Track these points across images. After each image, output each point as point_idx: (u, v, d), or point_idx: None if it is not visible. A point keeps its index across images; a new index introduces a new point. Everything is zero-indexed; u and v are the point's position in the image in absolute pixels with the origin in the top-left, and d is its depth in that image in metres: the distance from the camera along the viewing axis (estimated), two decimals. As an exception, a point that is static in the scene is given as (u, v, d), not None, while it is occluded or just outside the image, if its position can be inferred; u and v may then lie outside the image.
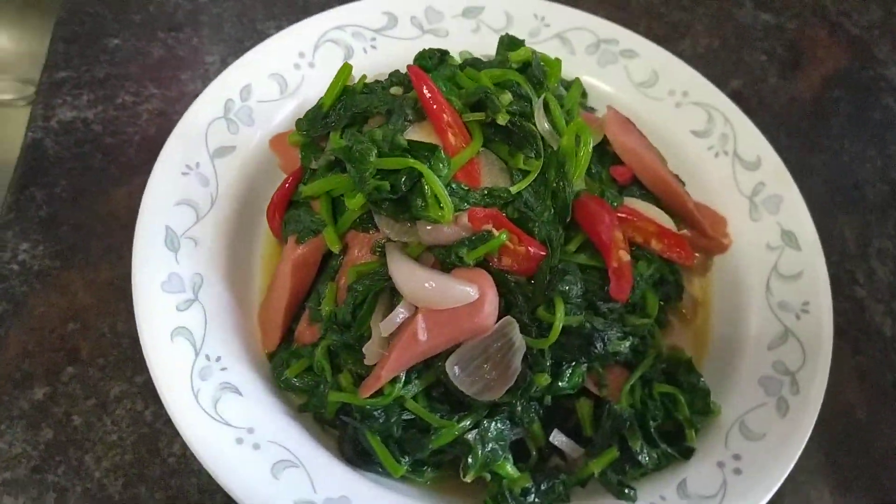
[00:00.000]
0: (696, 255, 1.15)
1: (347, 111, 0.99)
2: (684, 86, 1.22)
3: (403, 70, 1.02)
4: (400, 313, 0.90)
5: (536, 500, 0.93)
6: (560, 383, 0.95)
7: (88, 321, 1.06)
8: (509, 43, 1.11)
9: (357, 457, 0.95)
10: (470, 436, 0.94)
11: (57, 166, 1.17)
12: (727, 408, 1.00)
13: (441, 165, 0.91)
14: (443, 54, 1.05)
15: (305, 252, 0.99)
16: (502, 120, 0.94)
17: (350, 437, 0.96)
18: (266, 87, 1.15)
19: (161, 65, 1.30)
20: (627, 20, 1.44)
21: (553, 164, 0.96)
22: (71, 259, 1.11)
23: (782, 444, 0.95)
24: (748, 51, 1.46)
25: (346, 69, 1.01)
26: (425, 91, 0.96)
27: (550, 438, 0.96)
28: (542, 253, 0.94)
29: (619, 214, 1.03)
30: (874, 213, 1.30)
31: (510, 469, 0.94)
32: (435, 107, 0.95)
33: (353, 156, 0.90)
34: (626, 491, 0.93)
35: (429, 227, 0.92)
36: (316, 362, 0.96)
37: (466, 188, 0.93)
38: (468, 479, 0.94)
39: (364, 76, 1.03)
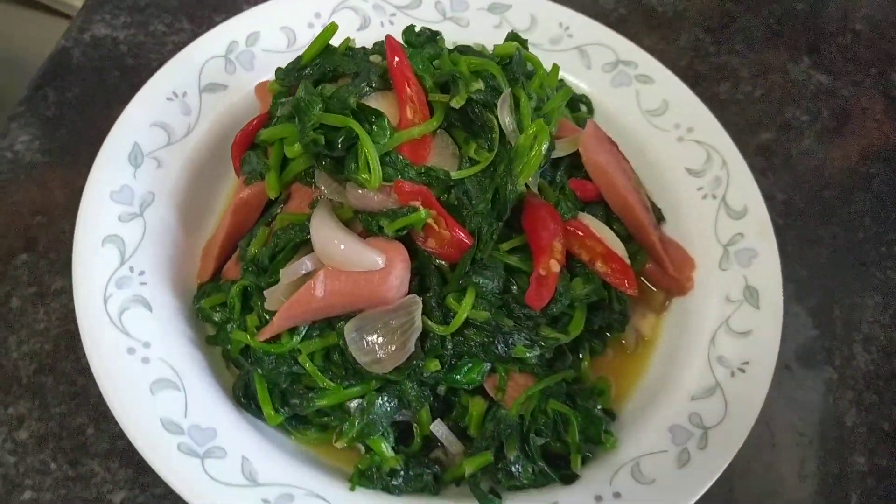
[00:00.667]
0: (656, 290, 1.12)
1: (321, 68, 1.01)
2: (691, 121, 1.18)
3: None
4: (305, 265, 0.91)
5: (402, 483, 0.92)
6: (457, 376, 0.94)
7: (54, 218, 1.12)
8: (513, 39, 1.10)
9: (244, 398, 0.96)
10: (353, 404, 0.94)
11: (75, 74, 1.25)
12: (627, 446, 0.96)
13: (382, 133, 0.91)
14: (434, 35, 1.06)
15: (249, 193, 1.01)
16: (456, 103, 0.93)
17: (243, 378, 0.97)
18: (274, 38, 1.18)
19: (200, 3, 1.36)
20: (671, 53, 1.41)
21: (504, 160, 0.95)
22: (59, 159, 1.17)
23: (669, 495, 0.90)
24: (790, 107, 1.39)
25: (331, 28, 1.02)
26: (395, 62, 0.96)
27: (431, 427, 0.94)
28: (468, 242, 0.93)
29: (568, 227, 1.00)
30: (874, 298, 1.21)
31: (384, 447, 0.93)
32: (400, 79, 0.95)
33: (299, 105, 0.92)
34: (491, 497, 0.90)
35: (359, 192, 0.92)
36: (229, 299, 0.98)
37: (406, 162, 0.92)
38: (338, 445, 0.94)
39: (348, 38, 1.04)
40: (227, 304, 0.99)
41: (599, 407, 0.95)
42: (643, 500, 0.91)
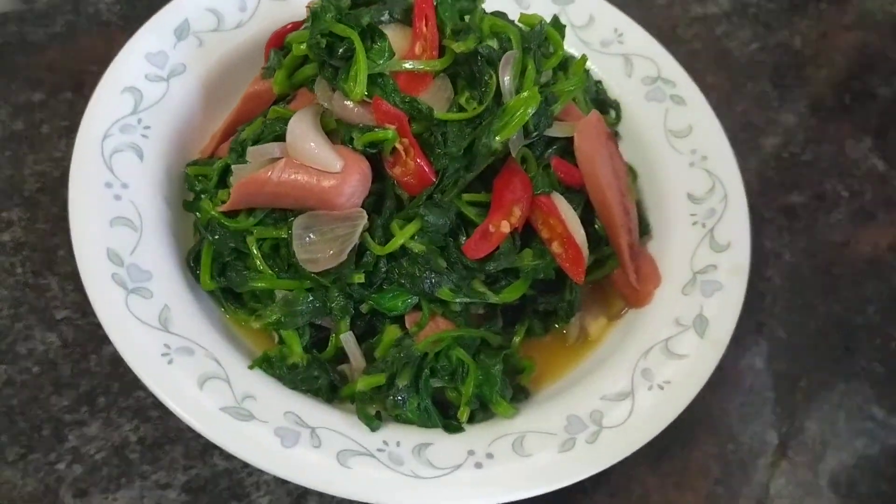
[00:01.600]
0: (617, 297, 1.11)
1: (361, -9, 1.07)
2: (708, 150, 1.17)
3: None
4: (273, 150, 0.97)
5: (298, 380, 0.96)
6: (381, 299, 0.97)
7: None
8: (553, 22, 1.13)
9: (192, 262, 1.03)
10: (280, 294, 0.99)
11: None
12: (520, 420, 0.96)
13: (381, 54, 0.97)
14: (476, -6, 1.10)
15: (261, 87, 1.09)
16: (458, 48, 0.97)
17: (198, 246, 1.04)
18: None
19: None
20: (731, 95, 1.41)
21: (490, 116, 0.98)
22: (131, 26, 1.26)
23: (537, 473, 0.91)
24: (833, 179, 1.34)
25: (382, -40, 1.09)
26: (421, 0, 1.01)
27: (341, 336, 0.98)
28: (430, 178, 0.97)
29: (537, 200, 1.02)
30: (847, 384, 1.16)
31: (294, 343, 0.97)
32: (419, 13, 1.00)
33: (315, 12, 0.98)
34: (371, 418, 0.93)
35: (344, 102, 0.98)
36: (209, 172, 1.05)
37: (395, 87, 0.97)
38: (254, 325, 1.00)
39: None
40: (207, 176, 1.06)
41: (499, 367, 0.96)
42: (512, 468, 0.91)
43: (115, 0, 1.32)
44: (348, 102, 0.97)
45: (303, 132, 0.96)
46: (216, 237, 1.00)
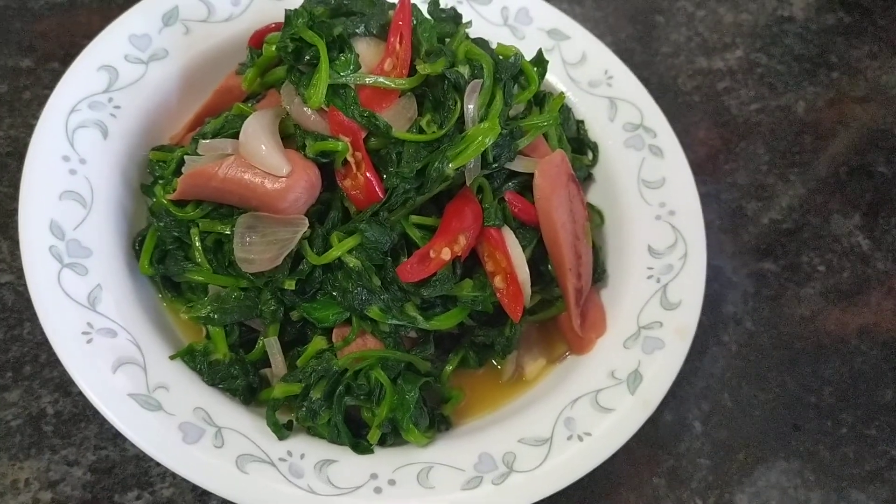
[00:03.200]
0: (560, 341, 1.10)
1: (343, 2, 1.07)
2: (677, 206, 1.15)
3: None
4: (226, 146, 0.97)
5: (216, 377, 0.96)
6: (311, 309, 0.97)
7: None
8: (536, 56, 1.12)
9: (137, 246, 1.04)
10: (213, 290, 1.00)
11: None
12: (432, 451, 0.95)
13: (345, 66, 0.97)
14: (457, 16, 1.10)
15: (233, 82, 1.10)
16: (424, 69, 0.97)
17: (144, 232, 1.05)
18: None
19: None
20: (722, 154, 1.38)
21: (448, 142, 0.97)
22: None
23: (435, 505, 0.89)
24: (812, 252, 1.31)
25: (367, -28, 1.09)
26: (399, 17, 1.01)
27: (265, 340, 0.98)
28: (378, 195, 0.96)
29: (486, 232, 1.01)
30: (789, 462, 1.12)
31: (220, 339, 0.97)
32: (395, 30, 1.00)
33: (288, 16, 0.99)
34: (279, 426, 0.92)
35: (303, 108, 0.98)
36: (170, 157, 1.06)
37: (356, 100, 0.97)
38: (183, 315, 1.00)
39: (377, -15, 1.10)
40: (166, 163, 1.07)
41: (414, 394, 0.94)
42: (410, 499, 0.90)
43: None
44: (307, 109, 0.97)
45: (255, 132, 0.96)
46: (162, 224, 1.01)
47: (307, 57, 0.97)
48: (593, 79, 1.25)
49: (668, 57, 1.49)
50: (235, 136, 1.00)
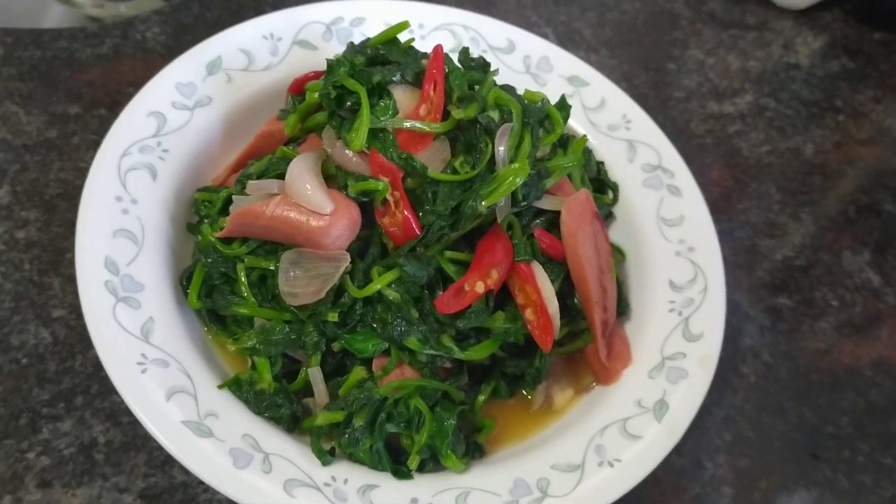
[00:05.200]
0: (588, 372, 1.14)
1: (379, 51, 1.14)
2: (696, 242, 1.20)
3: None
4: (272, 186, 1.03)
5: (263, 406, 1.00)
6: (352, 340, 1.02)
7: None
8: (560, 101, 1.18)
9: (185, 281, 1.09)
10: (258, 322, 1.04)
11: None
12: (469, 476, 0.99)
13: (385, 111, 1.03)
14: (486, 65, 1.17)
15: (275, 126, 1.16)
16: (457, 114, 1.03)
17: (191, 268, 1.10)
18: (375, 28, 1.31)
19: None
20: (734, 195, 1.43)
21: (481, 182, 1.03)
22: (172, 57, 1.37)
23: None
24: (825, 288, 1.36)
25: (403, 24, 1.15)
26: (433, 66, 1.08)
27: (309, 370, 1.02)
28: (416, 232, 1.01)
29: (516, 266, 1.06)
30: (809, 492, 1.16)
31: (265, 369, 1.02)
32: (429, 78, 1.07)
33: (331, 65, 1.05)
34: (323, 452, 0.96)
35: (345, 151, 1.04)
36: (215, 198, 1.12)
37: (395, 143, 1.03)
38: (230, 348, 1.05)
39: (412, 39, 1.16)
40: (212, 202, 1.12)
41: (452, 422, 0.98)
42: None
43: (161, 30, 1.42)
44: (348, 152, 1.03)
45: (301, 173, 1.02)
46: (209, 260, 1.06)
47: (348, 103, 1.03)
48: (612, 122, 1.32)
49: (681, 102, 1.55)
50: (280, 177, 1.06)
